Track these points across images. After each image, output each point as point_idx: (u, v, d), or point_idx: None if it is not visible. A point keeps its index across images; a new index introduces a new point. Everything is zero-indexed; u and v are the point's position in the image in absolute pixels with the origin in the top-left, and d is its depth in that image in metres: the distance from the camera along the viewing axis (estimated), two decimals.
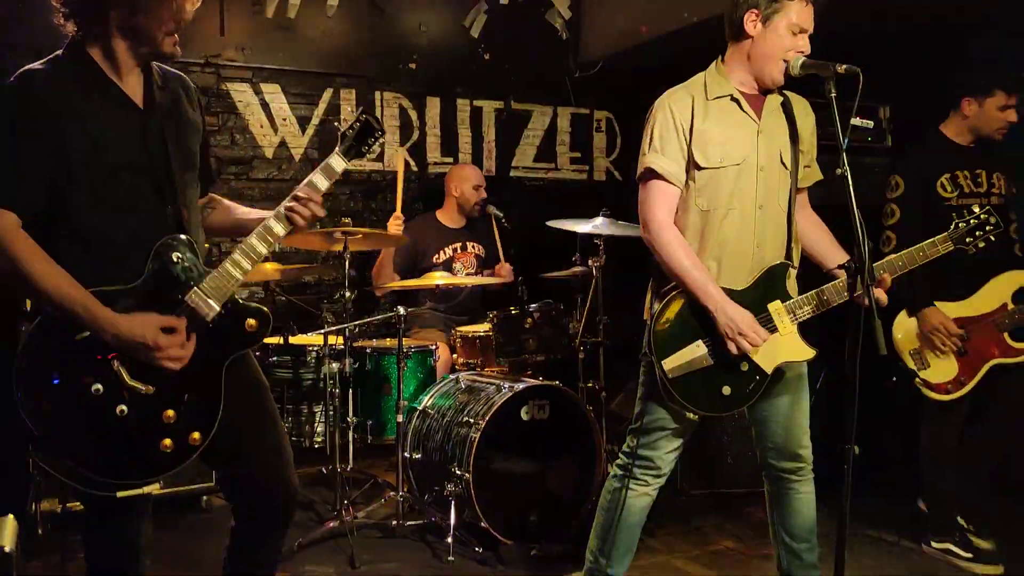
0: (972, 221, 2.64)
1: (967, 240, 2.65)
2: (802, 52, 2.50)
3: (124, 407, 2.00)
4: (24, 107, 1.99)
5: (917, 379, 3.55)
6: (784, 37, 2.49)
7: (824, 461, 2.72)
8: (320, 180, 2.24)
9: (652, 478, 2.71)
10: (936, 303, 3.52)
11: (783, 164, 2.61)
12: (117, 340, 1.97)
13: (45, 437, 1.94)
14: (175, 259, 2.09)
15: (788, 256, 2.65)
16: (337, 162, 2.26)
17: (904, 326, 3.59)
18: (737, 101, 2.58)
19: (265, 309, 2.19)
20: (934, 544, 3.62)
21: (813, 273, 2.77)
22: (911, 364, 3.56)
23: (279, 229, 2.19)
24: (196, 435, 2.08)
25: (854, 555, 3.60)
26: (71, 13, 2.06)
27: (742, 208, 2.56)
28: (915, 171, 3.63)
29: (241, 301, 2.18)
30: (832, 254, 2.72)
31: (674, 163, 2.54)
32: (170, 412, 2.05)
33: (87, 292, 1.96)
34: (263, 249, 2.18)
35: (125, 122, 2.09)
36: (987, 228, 2.64)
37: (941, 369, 3.53)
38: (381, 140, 2.41)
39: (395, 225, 4.71)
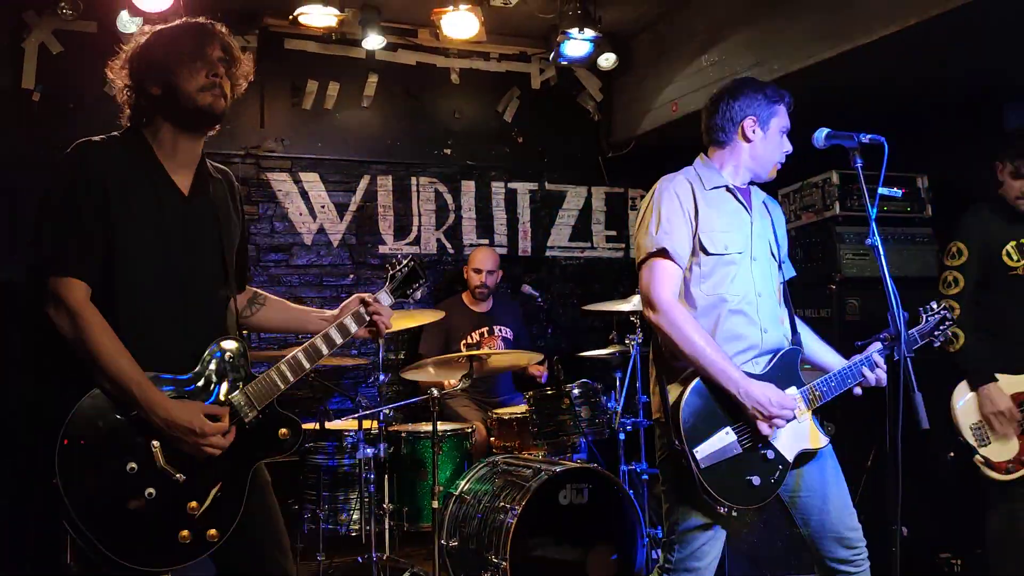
0: (936, 317, 2.72)
1: (935, 333, 2.72)
2: (788, 152, 2.68)
3: (153, 490, 2.02)
4: (83, 173, 2.06)
5: (977, 456, 3.40)
6: (778, 140, 2.64)
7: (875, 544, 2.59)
8: (353, 322, 2.39)
9: None
10: (999, 375, 3.40)
11: (772, 255, 2.68)
12: (165, 423, 2.01)
13: (74, 505, 1.94)
14: (227, 358, 2.17)
15: (796, 342, 2.64)
16: (385, 297, 2.46)
17: (963, 399, 3.45)
18: (732, 192, 2.63)
19: (297, 420, 2.25)
20: None
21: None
22: (971, 440, 3.41)
23: (325, 350, 2.31)
24: (214, 532, 2.08)
25: None
26: (129, 105, 2.21)
27: (750, 294, 2.56)
28: (979, 238, 3.52)
29: (278, 409, 2.23)
30: (820, 349, 2.74)
31: (682, 245, 2.53)
32: (194, 504, 2.06)
33: (144, 373, 2.01)
34: (308, 365, 2.27)
35: (168, 204, 2.15)
36: (947, 322, 2.73)
37: (1002, 447, 3.38)
38: (425, 284, 2.58)
39: None
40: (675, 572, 2.55)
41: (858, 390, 2.60)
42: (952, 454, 3.29)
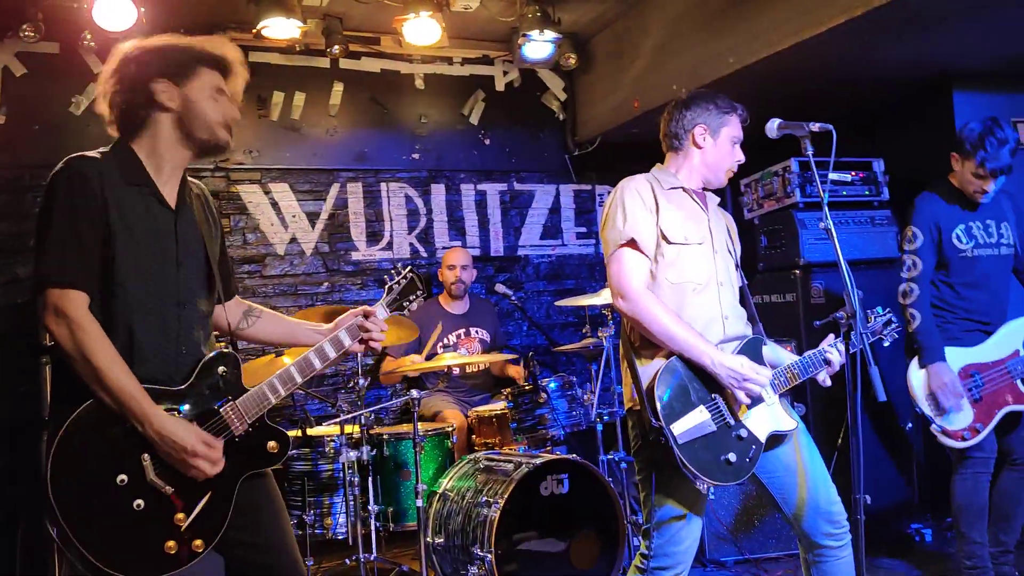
0: (882, 319, 2.85)
1: (884, 333, 2.84)
2: (740, 161, 2.79)
3: (142, 502, 2.04)
4: (79, 185, 2.06)
5: (934, 426, 3.53)
6: (729, 149, 2.76)
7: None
8: (347, 336, 2.38)
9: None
10: (952, 348, 3.53)
11: (729, 252, 2.80)
12: (159, 436, 2.03)
13: (64, 517, 1.97)
14: (221, 372, 2.19)
15: (755, 331, 2.75)
16: (381, 311, 2.45)
17: (920, 372, 3.58)
18: (688, 193, 2.76)
19: (287, 433, 2.27)
20: None
21: None
22: (928, 410, 3.54)
23: (318, 364, 2.31)
24: (199, 542, 2.11)
25: None
26: (121, 117, 2.18)
27: (708, 282, 2.67)
28: (931, 222, 3.63)
29: (268, 422, 2.25)
30: (781, 355, 2.81)
31: (648, 235, 2.63)
32: (181, 516, 2.09)
33: (142, 387, 2.04)
34: (300, 379, 2.28)
35: (160, 217, 2.18)
36: (892, 326, 2.86)
37: (957, 415, 3.51)
38: (423, 297, 2.56)
39: None
40: (655, 558, 2.62)
41: (827, 380, 2.70)
42: (910, 425, 3.41)
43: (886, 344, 2.85)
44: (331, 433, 4.24)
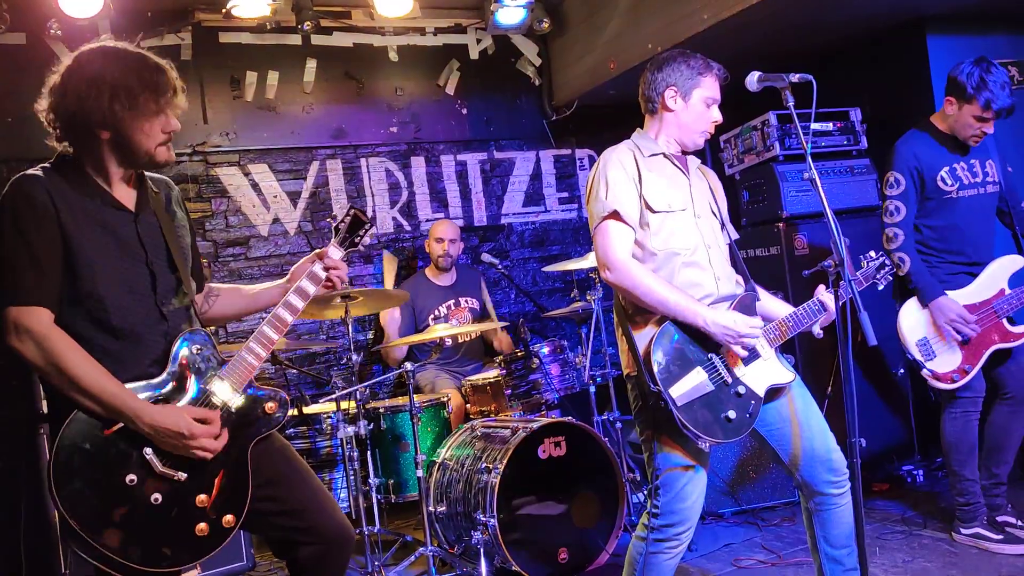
0: (875, 263, 2.83)
1: (877, 277, 2.83)
2: (716, 122, 2.75)
3: (158, 495, 2.05)
4: (27, 205, 2.03)
5: (924, 370, 3.59)
6: (702, 111, 2.72)
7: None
8: (310, 283, 2.36)
9: (683, 532, 2.68)
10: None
11: (713, 213, 2.80)
12: (153, 429, 2.02)
13: (83, 529, 1.96)
14: (195, 351, 2.18)
15: (750, 290, 2.77)
16: (333, 251, 2.43)
17: (909, 318, 3.63)
18: (668, 158, 2.76)
19: (282, 392, 2.28)
20: (963, 531, 3.62)
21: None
22: (918, 355, 3.59)
23: (289, 318, 2.29)
24: (230, 517, 2.13)
25: (887, 550, 3.61)
26: (63, 135, 2.14)
27: (698, 247, 2.68)
28: (913, 166, 3.63)
29: (258, 386, 2.25)
30: (774, 306, 2.83)
31: (631, 206, 2.64)
32: (202, 497, 2.11)
33: (123, 385, 2.02)
34: (275, 336, 2.27)
35: (121, 221, 2.16)
36: (885, 269, 2.83)
37: (946, 359, 3.57)
38: (371, 231, 2.54)
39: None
40: (662, 516, 2.65)
41: (819, 331, 2.72)
42: (902, 370, 3.45)
43: (880, 288, 2.87)
44: (327, 410, 4.26)
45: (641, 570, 2.70)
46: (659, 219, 2.65)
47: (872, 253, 2.85)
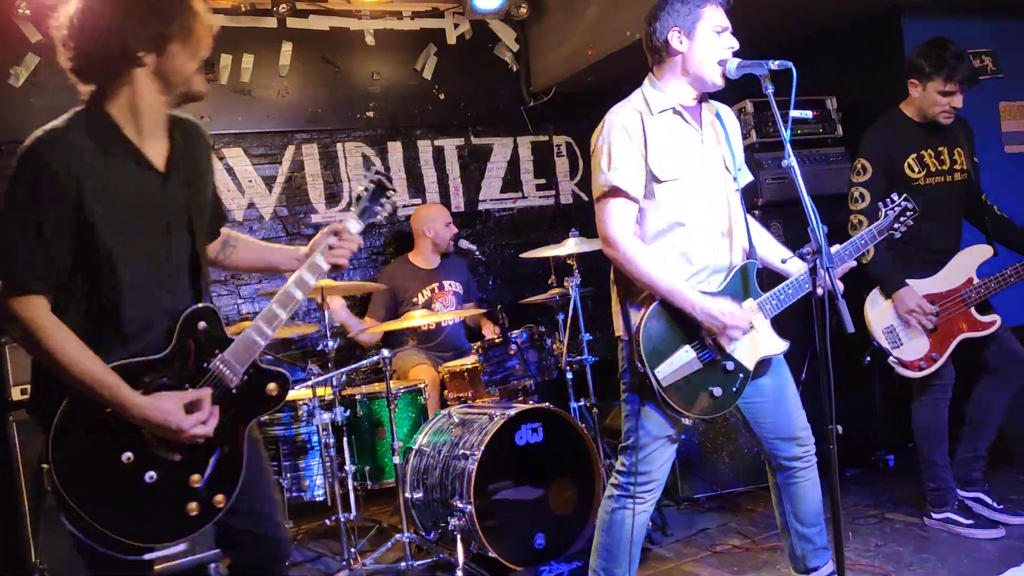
0: (896, 208, 2.80)
1: (894, 226, 2.81)
2: (731, 47, 2.62)
3: (153, 473, 2.03)
4: (42, 174, 1.91)
5: (891, 358, 3.62)
6: (712, 41, 2.61)
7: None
8: (324, 260, 2.29)
9: (651, 493, 2.73)
10: (908, 281, 3.59)
11: (726, 169, 2.74)
12: (144, 423, 1.99)
13: (79, 504, 1.95)
14: (200, 328, 2.11)
15: (752, 255, 2.74)
16: (353, 224, 2.32)
17: (875, 306, 3.66)
18: (680, 113, 2.68)
19: (285, 372, 2.22)
20: (934, 516, 3.67)
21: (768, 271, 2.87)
22: (884, 343, 3.63)
23: (299, 295, 2.22)
24: (220, 497, 2.11)
25: (860, 534, 3.66)
26: (94, 70, 2.00)
27: (702, 215, 2.66)
28: (882, 153, 3.65)
29: (262, 366, 2.20)
30: (774, 249, 2.85)
31: (634, 179, 2.61)
32: (196, 476, 2.09)
33: (115, 375, 1.95)
34: (284, 315, 2.20)
35: (144, 185, 2.05)
36: (908, 213, 2.80)
37: (913, 347, 3.60)
38: (392, 200, 2.39)
39: None
40: (628, 475, 2.69)
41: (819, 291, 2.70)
42: (868, 358, 3.48)
43: (897, 237, 2.83)
44: (304, 397, 4.24)
45: (607, 527, 2.75)
46: (665, 189, 2.62)
47: (895, 196, 2.82)
